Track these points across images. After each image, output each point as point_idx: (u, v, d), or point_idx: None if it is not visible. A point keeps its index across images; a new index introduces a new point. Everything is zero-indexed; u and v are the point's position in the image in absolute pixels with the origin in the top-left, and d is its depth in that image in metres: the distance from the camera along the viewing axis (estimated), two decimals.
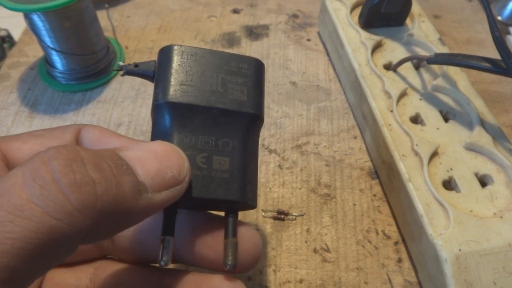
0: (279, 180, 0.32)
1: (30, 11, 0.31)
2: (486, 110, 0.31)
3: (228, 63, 0.20)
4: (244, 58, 0.21)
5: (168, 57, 0.20)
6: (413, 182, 0.27)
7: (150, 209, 0.16)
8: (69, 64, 0.36)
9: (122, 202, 0.14)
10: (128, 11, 0.45)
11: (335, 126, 0.35)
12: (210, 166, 0.19)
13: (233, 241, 0.19)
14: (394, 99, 0.31)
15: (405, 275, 0.27)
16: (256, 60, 0.21)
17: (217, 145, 0.19)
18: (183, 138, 0.19)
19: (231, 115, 0.19)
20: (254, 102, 0.20)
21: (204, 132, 0.19)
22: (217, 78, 0.20)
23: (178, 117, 0.19)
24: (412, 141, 0.29)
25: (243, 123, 0.20)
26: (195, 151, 0.19)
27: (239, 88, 0.20)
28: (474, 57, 0.29)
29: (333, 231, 0.29)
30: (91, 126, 0.20)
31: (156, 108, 0.19)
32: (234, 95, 0.20)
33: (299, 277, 0.27)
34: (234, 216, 0.19)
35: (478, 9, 0.47)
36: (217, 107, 0.19)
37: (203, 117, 0.19)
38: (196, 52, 0.20)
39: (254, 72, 0.20)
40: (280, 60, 0.40)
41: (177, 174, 0.17)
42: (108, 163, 0.15)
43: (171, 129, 0.19)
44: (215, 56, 0.20)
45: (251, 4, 0.46)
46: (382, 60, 0.35)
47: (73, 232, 0.13)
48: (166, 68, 0.19)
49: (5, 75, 0.39)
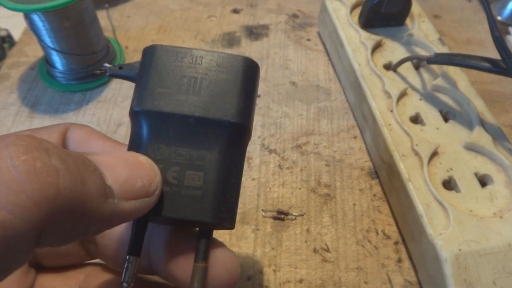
0: (279, 180, 0.32)
1: (30, 11, 0.31)
2: (486, 110, 0.31)
3: (212, 64, 0.18)
4: (232, 58, 0.18)
5: (149, 58, 0.18)
6: (413, 182, 0.27)
7: (116, 217, 0.15)
8: (69, 64, 0.36)
9: (86, 201, 0.13)
10: (128, 11, 0.45)
11: (335, 126, 0.35)
12: (182, 182, 0.17)
13: (202, 266, 0.17)
14: (394, 99, 0.31)
15: (405, 275, 0.27)
16: (245, 60, 0.18)
17: (191, 158, 0.17)
18: (156, 149, 0.17)
19: (211, 124, 0.17)
20: (237, 109, 0.17)
21: (178, 143, 0.17)
22: (198, 82, 0.17)
23: (151, 126, 0.17)
24: (412, 141, 0.29)
25: (223, 134, 0.17)
26: (167, 165, 0.17)
27: (222, 93, 0.17)
28: (474, 57, 0.29)
29: (333, 231, 0.29)
30: (78, 127, 0.19)
31: (131, 115, 0.18)
32: (216, 101, 0.17)
33: (299, 277, 0.27)
34: (206, 238, 0.17)
35: (478, 9, 0.47)
36: (194, 115, 0.17)
37: (178, 126, 0.17)
38: (178, 52, 0.18)
39: (242, 74, 0.18)
40: (280, 60, 0.40)
41: (147, 185, 0.16)
42: (74, 160, 0.13)
43: (144, 139, 0.17)
44: (199, 56, 0.18)
45: (251, 4, 0.46)
46: (382, 60, 0.35)
47: (27, 230, 0.12)
48: (145, 72, 0.18)
49: (5, 75, 0.39)
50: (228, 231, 0.29)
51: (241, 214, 0.30)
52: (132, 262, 0.17)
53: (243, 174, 0.19)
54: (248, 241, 0.28)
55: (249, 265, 0.27)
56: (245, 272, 0.27)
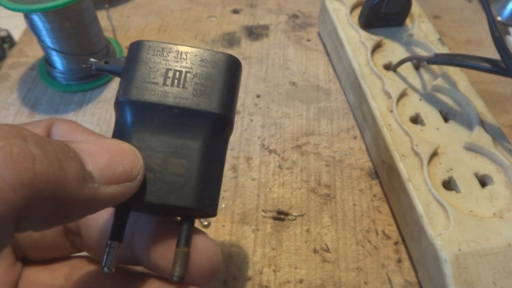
0: (279, 180, 0.32)
1: (30, 11, 0.31)
2: (486, 110, 0.31)
3: (197, 59, 0.19)
4: (216, 55, 0.19)
5: (135, 53, 0.19)
6: (413, 182, 0.27)
7: (97, 202, 0.15)
8: (69, 64, 0.36)
9: (64, 186, 0.13)
10: (128, 11, 0.45)
11: (335, 126, 0.35)
12: (165, 169, 0.17)
13: (183, 251, 0.17)
14: (394, 99, 0.31)
15: (405, 275, 0.27)
16: (229, 57, 0.19)
17: (175, 147, 0.18)
18: (140, 138, 0.18)
19: (194, 115, 0.18)
20: (220, 101, 0.18)
21: (163, 132, 0.18)
22: (183, 75, 0.18)
23: (136, 115, 0.18)
24: (412, 141, 0.29)
25: (206, 124, 0.18)
26: (151, 152, 0.18)
27: (206, 86, 0.18)
28: (474, 57, 0.29)
29: (333, 231, 0.29)
30: (62, 121, 0.20)
31: (116, 106, 0.18)
32: (199, 93, 0.18)
33: (299, 277, 0.27)
34: (188, 224, 0.18)
35: (478, 9, 0.47)
36: (178, 106, 0.18)
37: (163, 117, 0.18)
38: (164, 47, 0.19)
39: (225, 70, 0.19)
40: (280, 60, 0.40)
41: (129, 170, 0.16)
42: (53, 146, 0.14)
43: (129, 128, 0.18)
44: (184, 52, 0.19)
45: (251, 4, 0.46)
46: (382, 60, 0.35)
47: (5, 213, 0.12)
48: (131, 65, 0.18)
49: (5, 75, 0.39)
50: (228, 231, 0.29)
51: (241, 214, 0.30)
52: (114, 247, 0.17)
53: (242, 175, 0.19)
54: (248, 241, 0.28)
55: (249, 265, 0.27)
56: (245, 272, 0.27)
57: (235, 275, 0.27)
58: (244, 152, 0.33)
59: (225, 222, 0.29)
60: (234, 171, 0.32)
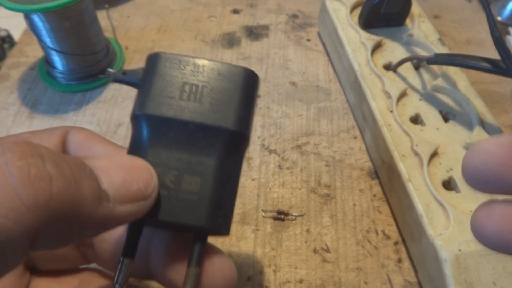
0: (279, 180, 0.32)
1: (30, 11, 0.31)
2: (486, 110, 0.31)
3: (214, 73, 0.18)
4: (233, 68, 0.18)
5: (153, 65, 0.18)
6: (413, 182, 0.27)
7: (111, 221, 0.15)
8: (69, 64, 0.36)
9: (80, 206, 0.13)
10: (128, 11, 0.45)
11: (335, 126, 0.35)
12: (179, 186, 0.17)
13: (194, 271, 0.17)
14: (394, 99, 0.31)
15: (405, 275, 0.27)
16: (246, 71, 0.19)
17: (190, 163, 0.17)
18: (155, 153, 0.17)
19: (210, 131, 0.17)
20: (237, 118, 0.18)
21: (178, 147, 0.17)
22: (199, 89, 0.18)
23: (152, 130, 0.18)
24: (412, 141, 0.29)
25: (222, 140, 0.18)
26: (165, 169, 0.17)
27: (222, 101, 0.18)
28: (473, 57, 0.29)
29: (333, 231, 0.29)
30: (78, 130, 0.19)
31: (133, 119, 0.18)
32: (215, 109, 0.18)
33: (299, 277, 0.27)
34: (200, 244, 0.18)
35: (478, 9, 0.47)
36: (194, 121, 0.17)
37: (179, 132, 0.18)
38: (181, 60, 0.18)
39: (242, 84, 0.18)
40: (280, 60, 0.40)
41: (143, 188, 0.16)
42: (69, 164, 0.14)
43: (144, 142, 0.18)
44: (201, 65, 0.18)
45: (251, 4, 0.46)
46: (382, 60, 0.35)
47: (20, 233, 0.12)
48: (148, 78, 0.18)
49: (5, 75, 0.39)
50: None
51: (241, 214, 0.30)
52: (126, 264, 0.17)
53: (242, 176, 0.19)
54: (248, 241, 0.28)
55: (249, 265, 0.27)
56: (245, 272, 0.27)
57: None
58: None
59: None
60: None
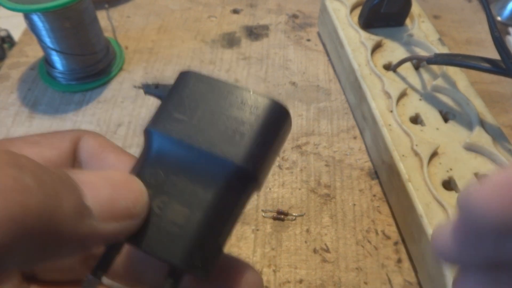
0: (278, 180, 0.32)
1: (30, 11, 0.31)
2: (486, 110, 0.31)
3: (237, 100, 0.17)
4: (260, 99, 0.16)
5: (179, 82, 0.17)
6: (413, 182, 0.27)
7: (93, 239, 0.14)
8: (69, 64, 0.36)
9: (58, 222, 0.12)
10: (128, 11, 0.45)
11: (335, 126, 0.35)
12: (165, 215, 0.16)
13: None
14: (394, 99, 0.31)
15: (404, 275, 0.27)
16: (274, 104, 0.16)
17: (184, 192, 0.16)
18: (153, 173, 0.16)
19: (214, 162, 0.16)
20: (247, 153, 0.16)
21: (177, 172, 0.16)
22: (216, 115, 0.16)
23: (157, 148, 0.17)
24: (412, 141, 0.29)
25: (224, 175, 0.16)
26: (157, 192, 0.16)
27: (238, 133, 0.16)
28: (473, 58, 0.29)
29: (332, 231, 0.29)
30: (92, 136, 0.19)
31: (144, 133, 0.17)
32: (228, 139, 0.16)
33: (299, 277, 0.27)
34: (173, 281, 0.16)
35: (478, 9, 0.47)
36: (200, 148, 0.16)
37: (183, 156, 0.16)
38: (210, 82, 0.17)
39: (264, 118, 0.16)
40: (280, 60, 0.40)
41: (131, 206, 0.15)
42: (51, 177, 0.13)
43: (147, 159, 0.17)
44: (225, 89, 0.17)
45: (251, 4, 0.46)
46: (382, 60, 0.35)
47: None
48: (171, 94, 0.17)
49: (5, 75, 0.39)
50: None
51: None
52: (91, 282, 0.16)
53: None
54: (248, 241, 0.28)
55: None
56: None
57: None
58: None
59: None
60: None
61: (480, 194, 0.12)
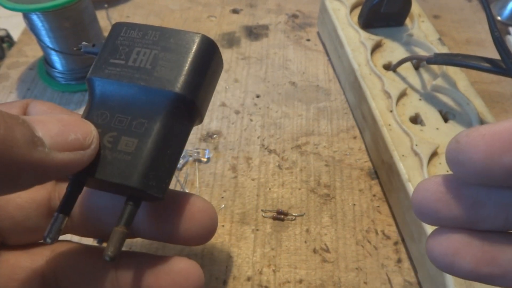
0: (278, 180, 0.32)
1: (29, 11, 0.31)
2: (486, 110, 0.31)
3: (167, 39, 0.18)
4: (187, 34, 0.18)
5: (112, 34, 0.19)
6: (412, 182, 0.27)
7: (48, 167, 0.15)
8: (68, 64, 0.36)
9: (12, 147, 0.13)
10: (128, 11, 0.45)
11: (335, 126, 0.35)
12: (115, 147, 0.17)
13: (120, 231, 0.17)
14: (394, 99, 0.31)
15: (404, 275, 0.27)
16: (201, 37, 0.18)
17: (130, 125, 0.18)
18: (99, 115, 0.18)
19: (154, 94, 0.18)
20: (184, 82, 0.18)
21: (121, 110, 0.18)
22: (149, 54, 0.18)
23: (100, 93, 0.18)
24: (411, 141, 0.29)
25: (165, 104, 0.18)
26: (106, 129, 0.18)
27: (171, 66, 0.18)
28: (473, 57, 0.29)
29: (332, 231, 0.29)
30: (39, 102, 0.20)
31: (86, 82, 0.19)
32: (163, 73, 0.18)
33: (299, 277, 0.27)
34: (132, 205, 0.17)
35: (478, 9, 0.47)
36: (138, 85, 0.18)
37: (124, 95, 0.18)
38: (139, 28, 0.19)
39: (195, 50, 0.18)
40: (279, 60, 0.40)
41: (81, 138, 0.16)
42: (1, 113, 0.14)
43: (92, 105, 0.18)
44: (155, 32, 0.19)
45: (250, 4, 0.46)
46: (381, 60, 0.35)
47: None
48: (106, 44, 0.19)
49: (4, 75, 0.39)
50: (227, 231, 0.29)
51: (241, 214, 0.30)
52: (60, 220, 0.17)
53: (241, 175, 0.19)
54: (247, 241, 0.28)
55: (249, 265, 0.27)
56: (244, 272, 0.27)
57: (234, 275, 0.27)
58: (243, 152, 0.33)
59: (224, 222, 0.29)
60: (234, 171, 0.32)
61: (469, 139, 0.13)
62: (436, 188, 0.14)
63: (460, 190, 0.14)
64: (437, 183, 0.14)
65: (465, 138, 0.13)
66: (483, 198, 0.14)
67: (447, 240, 0.14)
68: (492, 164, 0.12)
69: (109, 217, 0.20)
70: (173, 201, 0.20)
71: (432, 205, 0.14)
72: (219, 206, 0.30)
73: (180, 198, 0.20)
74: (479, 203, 0.14)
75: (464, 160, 0.13)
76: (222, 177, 0.32)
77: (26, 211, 0.19)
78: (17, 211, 0.19)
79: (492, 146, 0.12)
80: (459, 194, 0.14)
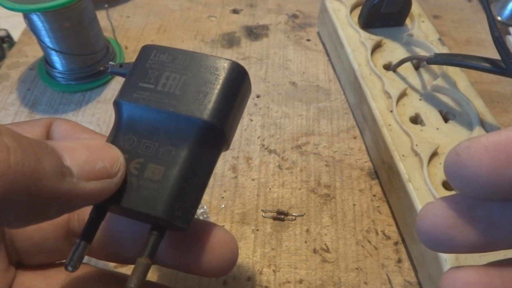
0: (278, 180, 0.32)
1: (30, 11, 0.31)
2: (486, 110, 0.31)
3: (197, 64, 0.18)
4: (218, 61, 0.18)
5: (140, 56, 0.19)
6: (413, 182, 0.27)
7: (76, 197, 0.15)
8: (68, 64, 0.36)
9: (41, 179, 0.13)
10: (128, 11, 0.45)
11: (335, 126, 0.35)
12: (142, 174, 0.17)
13: (144, 262, 0.16)
14: (394, 99, 0.31)
15: (405, 275, 0.27)
16: (232, 64, 0.18)
17: (157, 152, 0.17)
18: (126, 140, 0.18)
19: (182, 121, 0.17)
20: (212, 109, 0.17)
21: (148, 136, 0.18)
22: (178, 80, 0.18)
23: (127, 117, 0.18)
24: (412, 141, 0.29)
25: (193, 131, 0.17)
26: (133, 155, 0.17)
27: (201, 93, 0.17)
28: (473, 57, 0.29)
29: (332, 231, 0.29)
30: (63, 121, 0.19)
31: (113, 106, 0.19)
32: (193, 99, 0.17)
33: (299, 278, 0.27)
34: (156, 236, 0.17)
35: (478, 9, 0.47)
36: (167, 110, 0.17)
37: (152, 120, 0.18)
38: (169, 51, 0.18)
39: (225, 77, 0.18)
40: (279, 60, 0.40)
41: (109, 166, 0.16)
42: (29, 141, 0.13)
43: (119, 129, 0.18)
44: (185, 56, 0.18)
45: (250, 4, 0.46)
46: (381, 60, 0.35)
47: None
48: (134, 67, 0.19)
49: (4, 75, 0.39)
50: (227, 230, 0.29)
51: (241, 215, 0.30)
52: (82, 247, 0.17)
53: (241, 176, 0.18)
54: (247, 241, 0.28)
55: (249, 266, 0.27)
56: (244, 272, 0.27)
57: (235, 275, 0.27)
58: (243, 152, 0.33)
59: (224, 222, 0.29)
60: (234, 171, 0.32)
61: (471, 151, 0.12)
62: (446, 213, 0.13)
63: (473, 212, 0.13)
64: (446, 207, 0.13)
65: (466, 151, 0.12)
66: (497, 216, 0.13)
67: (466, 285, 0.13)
68: (499, 179, 0.11)
69: (129, 242, 0.19)
70: (195, 231, 0.19)
71: (445, 232, 0.13)
72: (219, 206, 0.30)
73: (202, 228, 0.19)
74: (494, 224, 0.13)
75: (467, 175, 0.12)
76: (222, 177, 0.32)
77: (44, 232, 0.19)
78: (36, 232, 0.19)
79: (497, 159, 0.11)
80: (473, 217, 0.13)
